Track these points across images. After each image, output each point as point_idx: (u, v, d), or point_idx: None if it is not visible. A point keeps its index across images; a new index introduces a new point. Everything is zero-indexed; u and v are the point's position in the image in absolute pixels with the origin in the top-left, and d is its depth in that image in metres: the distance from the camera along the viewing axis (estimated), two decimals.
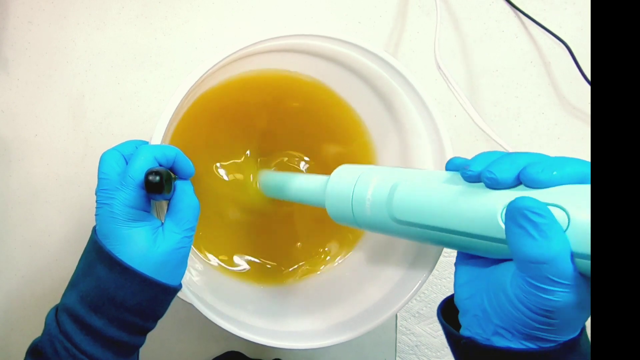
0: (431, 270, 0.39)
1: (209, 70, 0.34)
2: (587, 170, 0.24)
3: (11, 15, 0.53)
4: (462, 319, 0.29)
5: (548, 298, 0.24)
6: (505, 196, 0.26)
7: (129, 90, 0.53)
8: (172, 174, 0.33)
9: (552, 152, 0.55)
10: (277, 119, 0.48)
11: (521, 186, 0.26)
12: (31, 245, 0.53)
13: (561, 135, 0.55)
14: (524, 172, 0.25)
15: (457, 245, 0.29)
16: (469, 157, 0.29)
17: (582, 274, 0.23)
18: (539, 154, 0.26)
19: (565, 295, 0.23)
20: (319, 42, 0.39)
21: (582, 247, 0.23)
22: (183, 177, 0.34)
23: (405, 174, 0.32)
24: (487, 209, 0.26)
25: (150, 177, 0.29)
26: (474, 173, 0.27)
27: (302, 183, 0.40)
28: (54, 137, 0.53)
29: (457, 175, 0.29)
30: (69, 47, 0.53)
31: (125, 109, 0.53)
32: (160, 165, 0.32)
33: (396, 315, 0.55)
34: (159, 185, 0.29)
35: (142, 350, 0.34)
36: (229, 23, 0.54)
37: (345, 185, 0.34)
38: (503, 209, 0.26)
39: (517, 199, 0.24)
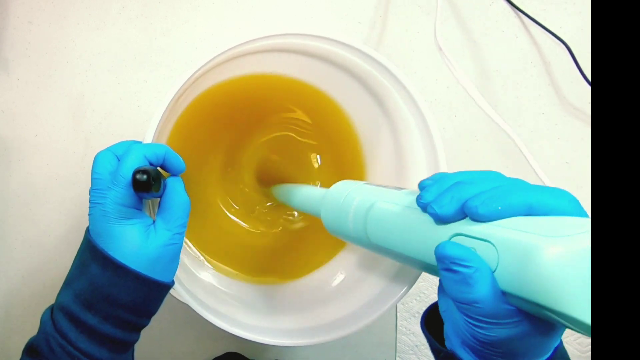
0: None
1: (200, 69, 0.34)
2: (534, 201, 0.23)
3: (11, 15, 0.53)
4: (444, 326, 0.29)
5: (484, 333, 0.23)
6: (449, 231, 0.25)
7: (129, 90, 0.53)
8: (160, 172, 0.33)
9: (552, 152, 0.55)
10: (275, 117, 0.48)
11: (468, 218, 0.25)
12: (31, 245, 0.53)
13: (561, 135, 0.55)
14: (466, 206, 0.24)
15: (426, 270, 0.30)
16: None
17: (521, 309, 0.22)
18: (491, 180, 0.25)
19: (503, 330, 0.23)
20: (314, 41, 0.39)
21: (511, 288, 0.22)
22: (174, 174, 0.34)
23: (380, 196, 0.32)
24: (433, 242, 0.26)
25: (138, 176, 0.29)
26: (423, 205, 0.26)
27: (304, 194, 0.41)
28: (54, 137, 0.53)
29: None
30: (69, 47, 0.53)
31: (125, 109, 0.53)
32: (151, 164, 0.32)
33: (396, 316, 0.55)
34: (146, 183, 0.29)
35: (141, 351, 0.34)
36: (229, 23, 0.54)
37: (335, 201, 0.35)
38: None
39: (438, 246, 0.24)
